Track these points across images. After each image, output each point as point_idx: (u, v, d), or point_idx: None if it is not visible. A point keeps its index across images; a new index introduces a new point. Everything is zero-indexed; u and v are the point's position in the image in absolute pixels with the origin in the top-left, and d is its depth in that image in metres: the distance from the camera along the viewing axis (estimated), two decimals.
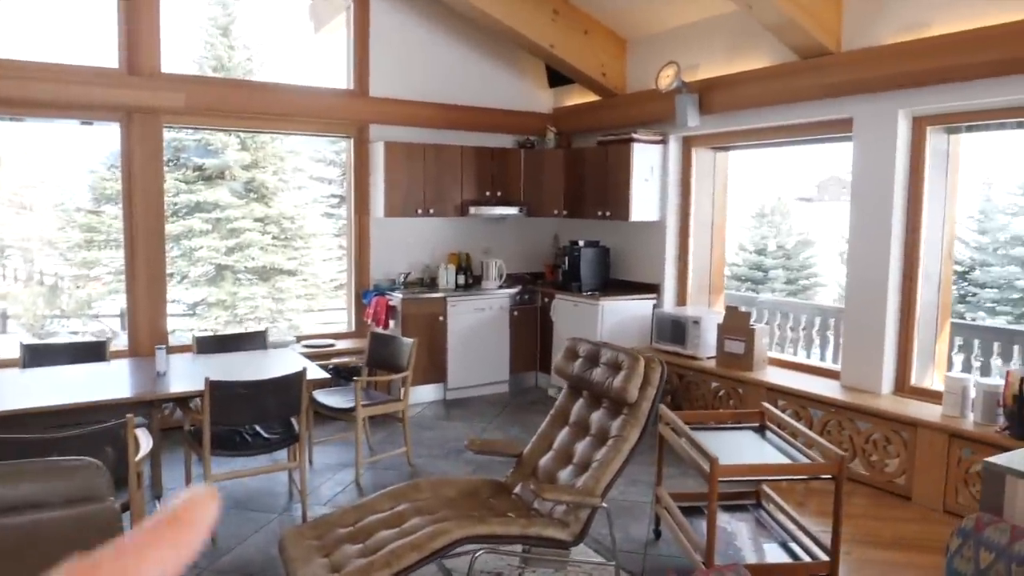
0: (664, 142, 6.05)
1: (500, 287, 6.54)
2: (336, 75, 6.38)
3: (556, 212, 6.70)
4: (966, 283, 11.72)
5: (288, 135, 6.81)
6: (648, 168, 6.01)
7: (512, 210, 6.66)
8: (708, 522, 2.94)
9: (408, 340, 4.72)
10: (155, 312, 5.62)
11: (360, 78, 6.24)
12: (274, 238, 13.04)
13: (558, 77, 6.76)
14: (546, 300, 6.53)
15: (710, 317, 5.52)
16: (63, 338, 10.62)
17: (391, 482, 4.35)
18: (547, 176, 6.70)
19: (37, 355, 4.46)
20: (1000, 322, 10.65)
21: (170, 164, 13.22)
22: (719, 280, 6.25)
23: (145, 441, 3.21)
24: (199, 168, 11.50)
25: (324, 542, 2.97)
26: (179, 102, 5.49)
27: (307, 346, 5.88)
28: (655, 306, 6.13)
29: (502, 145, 6.81)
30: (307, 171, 13.56)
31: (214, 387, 3.58)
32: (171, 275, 13.56)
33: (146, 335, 5.55)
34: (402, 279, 6.44)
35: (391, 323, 6.04)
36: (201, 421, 3.86)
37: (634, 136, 5.92)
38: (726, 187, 6.16)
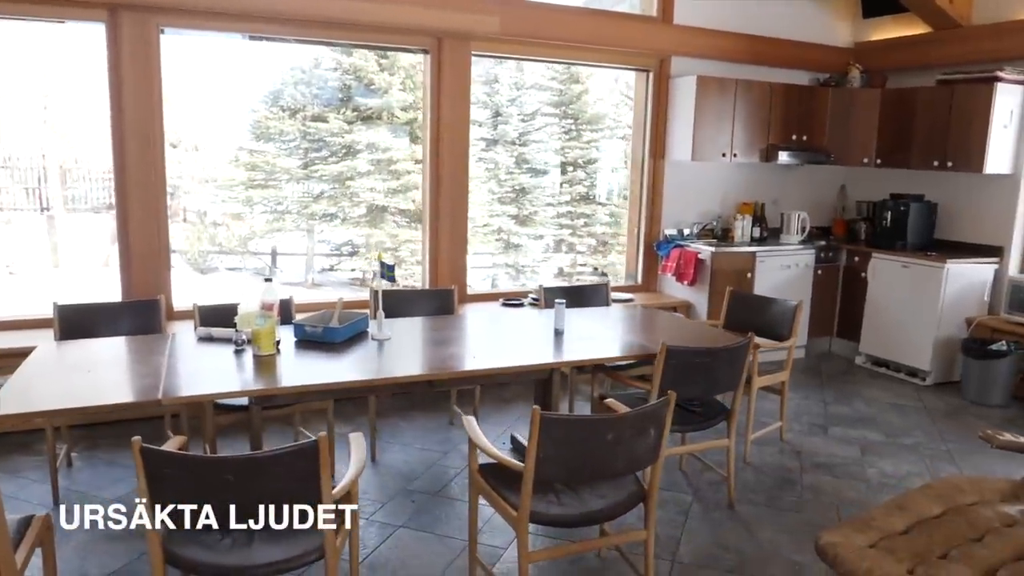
0: None
1: (802, 242, 5.89)
2: None
3: (865, 160, 5.94)
4: None
5: (589, 66, 6.18)
6: (1008, 113, 5.19)
7: (815, 156, 5.95)
8: None
9: (791, 303, 4.16)
10: (456, 253, 5.23)
11: (665, 2, 5.57)
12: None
13: (876, 5, 5.94)
14: (856, 259, 5.85)
15: None
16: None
17: (775, 459, 3.91)
18: (856, 119, 5.93)
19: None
20: None
21: (330, 105, 12.95)
22: None
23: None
24: (357, 109, 11.16)
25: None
26: (494, 26, 4.95)
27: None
28: (996, 271, 5.38)
29: (796, 82, 6.06)
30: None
31: (671, 353, 3.11)
32: (334, 215, 13.44)
33: (447, 277, 5.18)
34: (696, 230, 5.86)
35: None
36: (640, 387, 3.46)
37: (1000, 75, 5.09)
38: None
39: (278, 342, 3.12)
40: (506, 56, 5.59)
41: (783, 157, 5.78)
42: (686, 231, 5.86)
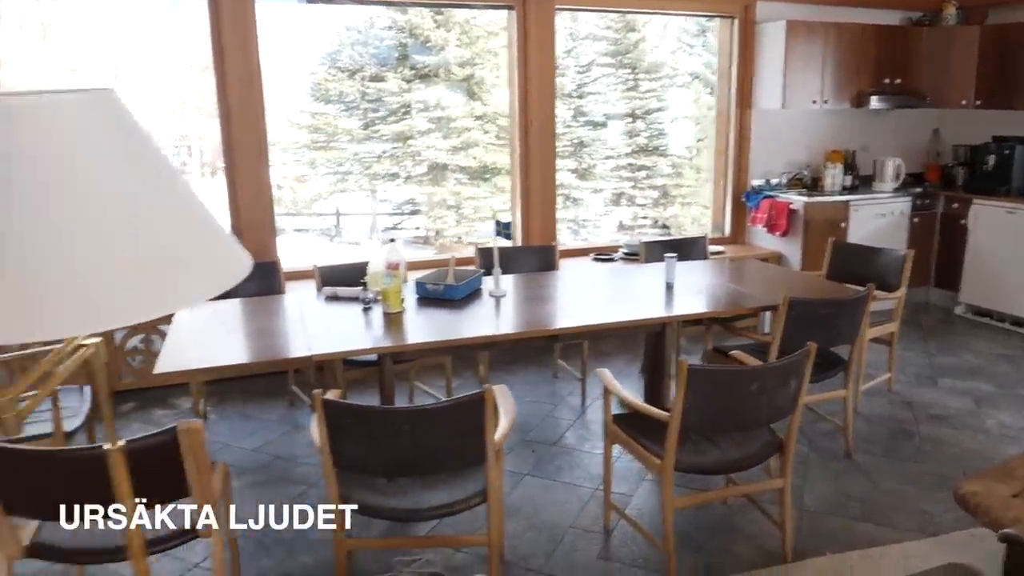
0: None
1: (896, 190, 5.74)
2: None
3: (963, 102, 5.72)
4: None
5: (668, 15, 6.04)
6: None
7: (908, 99, 5.75)
8: None
9: (898, 252, 4.09)
10: (547, 208, 5.25)
11: None
12: (496, 136, 12.66)
13: None
14: (954, 206, 5.68)
15: None
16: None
17: (885, 410, 3.90)
18: (954, 59, 5.69)
19: None
20: None
21: (387, 64, 12.92)
22: None
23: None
24: (414, 67, 11.09)
25: None
26: None
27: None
28: None
29: (887, 23, 5.83)
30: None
31: (792, 305, 3.10)
32: (396, 174, 13.51)
33: (538, 234, 5.23)
34: (784, 180, 5.76)
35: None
36: (752, 338, 3.47)
37: None
38: None
39: (403, 300, 3.22)
40: (588, 8, 5.49)
41: (875, 102, 5.60)
42: (774, 181, 5.76)
